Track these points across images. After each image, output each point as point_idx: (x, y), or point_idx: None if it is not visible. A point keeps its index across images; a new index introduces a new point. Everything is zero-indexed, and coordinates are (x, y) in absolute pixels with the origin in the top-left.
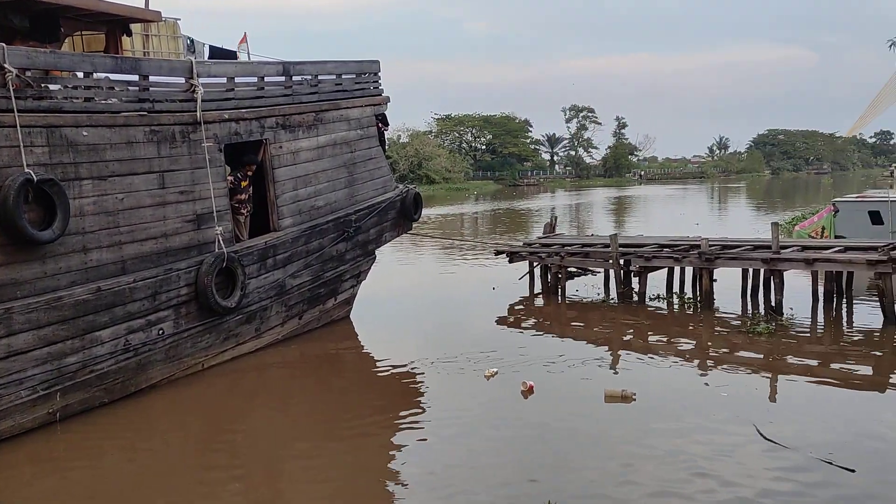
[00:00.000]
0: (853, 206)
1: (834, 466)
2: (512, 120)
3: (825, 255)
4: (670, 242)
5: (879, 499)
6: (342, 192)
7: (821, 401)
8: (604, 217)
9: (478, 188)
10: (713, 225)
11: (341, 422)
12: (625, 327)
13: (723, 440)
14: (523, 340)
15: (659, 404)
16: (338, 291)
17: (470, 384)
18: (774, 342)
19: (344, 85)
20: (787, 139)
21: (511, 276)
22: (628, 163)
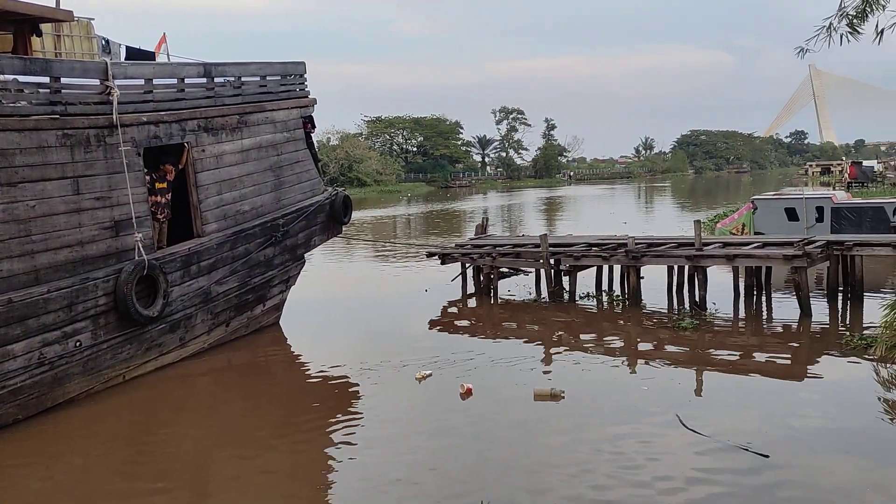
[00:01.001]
0: (771, 204)
1: (750, 453)
2: (443, 122)
3: (745, 251)
4: (599, 241)
5: (789, 481)
6: (269, 196)
7: (742, 391)
8: (535, 217)
9: (410, 190)
10: (640, 224)
11: (271, 431)
12: (556, 326)
13: (648, 432)
14: (457, 342)
15: (588, 401)
16: (266, 297)
17: (405, 388)
18: (699, 336)
19: (269, 87)
20: (709, 139)
21: (444, 278)
22: (558, 164)
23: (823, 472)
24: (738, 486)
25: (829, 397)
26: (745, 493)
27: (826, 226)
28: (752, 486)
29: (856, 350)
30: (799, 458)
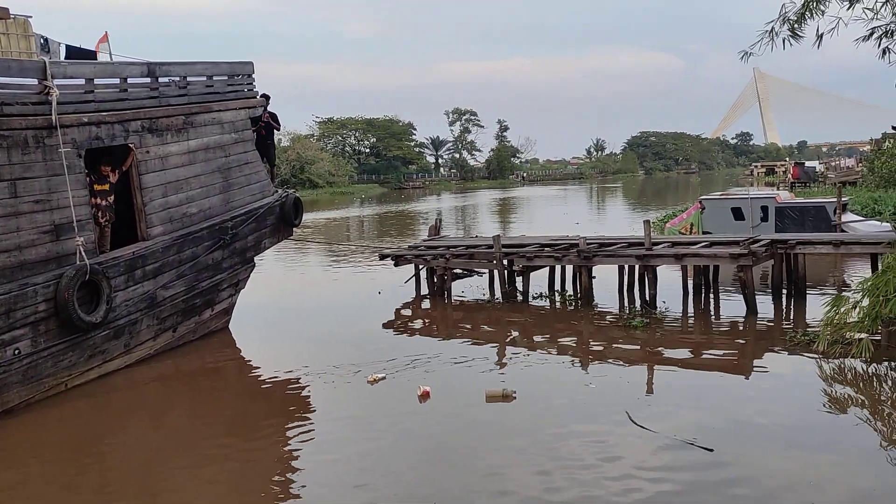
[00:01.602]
0: (718, 204)
1: (695, 447)
2: (396, 123)
3: (693, 250)
4: (551, 242)
5: (733, 474)
6: (217, 199)
7: (690, 387)
8: (488, 218)
9: (363, 192)
10: (592, 224)
11: (222, 438)
12: (510, 326)
13: (599, 430)
14: (411, 344)
15: (541, 401)
16: (215, 301)
17: (359, 392)
18: (649, 334)
19: (216, 87)
20: (658, 140)
21: (397, 280)
22: (511, 165)
23: (767, 464)
24: (685, 481)
25: (773, 392)
26: (690, 488)
27: (770, 225)
28: (697, 480)
29: (799, 345)
30: (744, 451)
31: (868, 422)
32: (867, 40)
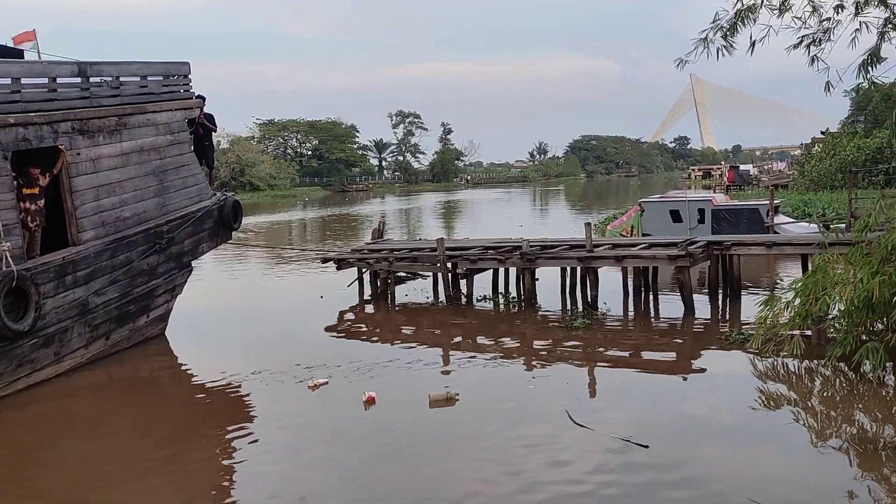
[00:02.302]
0: (657, 206)
1: (631, 444)
2: (338, 125)
3: (633, 252)
4: (495, 245)
5: (665, 469)
6: (152, 202)
7: (630, 386)
8: (433, 221)
9: (305, 194)
10: (536, 226)
11: (159, 450)
12: (454, 329)
13: (540, 430)
14: (354, 348)
15: (485, 403)
16: (150, 308)
17: (302, 399)
18: (590, 335)
19: (150, 87)
20: (599, 144)
21: (340, 284)
22: (455, 168)
23: (703, 460)
24: (621, 477)
25: (710, 390)
26: (626, 484)
27: (707, 227)
28: (632, 477)
29: (734, 344)
30: (680, 448)
31: (800, 418)
32: (797, 48)
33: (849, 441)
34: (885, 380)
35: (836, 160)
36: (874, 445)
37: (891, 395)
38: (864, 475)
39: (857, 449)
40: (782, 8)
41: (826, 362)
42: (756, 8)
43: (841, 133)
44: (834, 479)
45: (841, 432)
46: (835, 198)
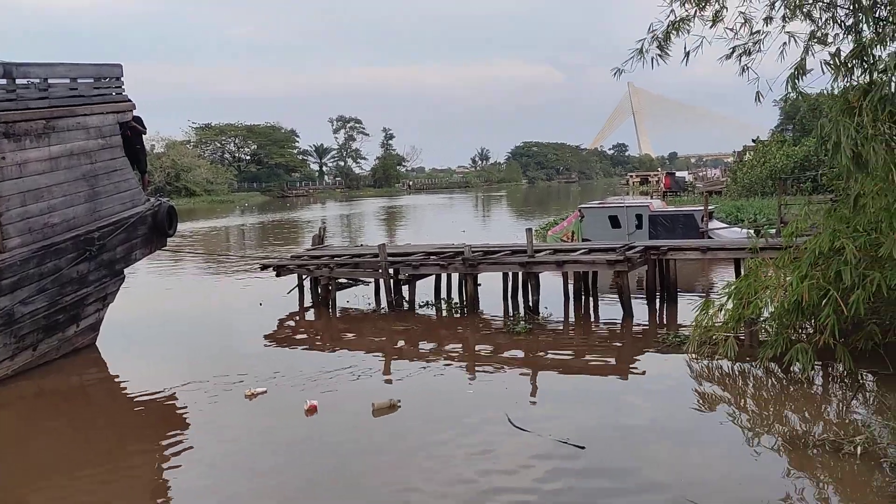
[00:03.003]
0: (596, 212)
1: (568, 445)
2: (278, 130)
3: (573, 257)
4: (437, 250)
5: (603, 470)
6: (82, 208)
7: (570, 389)
8: (375, 227)
9: (244, 200)
10: (478, 232)
11: (92, 464)
12: (396, 335)
13: (482, 434)
14: (295, 356)
15: (426, 409)
16: (80, 317)
17: (239, 408)
18: (532, 339)
19: (80, 90)
20: (541, 151)
21: (280, 291)
22: (397, 173)
23: (640, 460)
24: (558, 478)
25: (648, 392)
26: (565, 486)
27: (645, 232)
28: (572, 479)
29: (671, 347)
30: (618, 449)
31: (734, 418)
32: (729, 58)
33: (781, 439)
34: (814, 379)
35: (767, 167)
36: (804, 443)
37: (819, 394)
38: (795, 472)
39: (789, 447)
40: (715, 19)
41: (758, 363)
42: (689, 19)
43: (771, 141)
44: (767, 477)
45: (773, 431)
46: (766, 204)
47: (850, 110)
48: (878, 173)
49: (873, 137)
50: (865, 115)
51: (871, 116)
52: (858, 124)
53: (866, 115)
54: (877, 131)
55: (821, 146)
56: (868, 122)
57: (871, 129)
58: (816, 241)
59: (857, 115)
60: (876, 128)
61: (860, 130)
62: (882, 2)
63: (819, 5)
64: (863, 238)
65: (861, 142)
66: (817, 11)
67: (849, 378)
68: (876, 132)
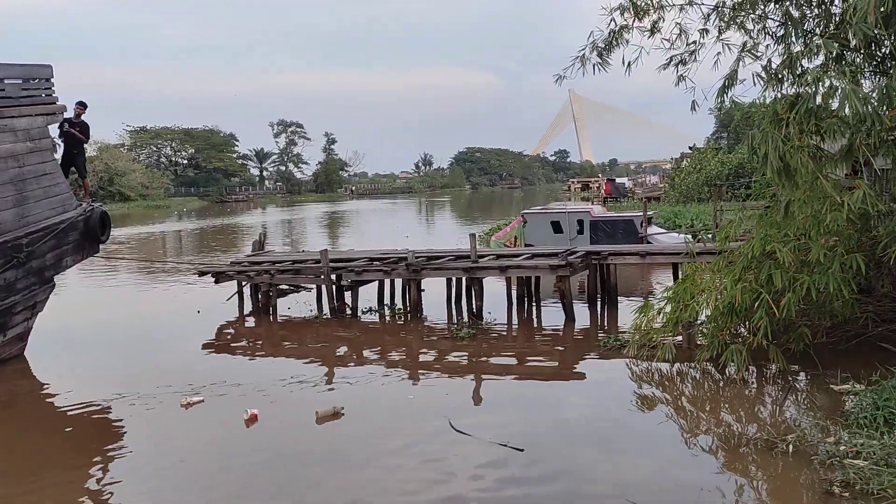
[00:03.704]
0: (538, 218)
1: (508, 448)
2: (216, 133)
3: (516, 262)
4: (380, 256)
5: (545, 472)
6: (9, 213)
7: (514, 394)
8: (317, 232)
9: (181, 205)
10: (422, 237)
11: (19, 480)
12: (339, 342)
13: (424, 440)
14: (235, 364)
15: (370, 416)
16: (7, 326)
17: (175, 419)
18: (476, 345)
19: (7, 91)
20: (484, 157)
21: (219, 298)
22: (339, 178)
23: (580, 462)
24: (497, 481)
25: (590, 395)
26: (506, 488)
27: (586, 237)
28: (513, 481)
29: (612, 350)
30: (559, 451)
31: (673, 419)
32: (666, 68)
33: (717, 439)
34: (749, 380)
35: (703, 174)
36: (739, 442)
37: (753, 394)
38: (731, 471)
39: (724, 446)
40: (653, 30)
41: (695, 365)
42: (629, 29)
43: (707, 149)
44: (704, 476)
45: (709, 431)
46: (702, 210)
47: (779, 122)
48: (805, 183)
49: (799, 149)
50: (792, 127)
51: (798, 128)
52: (786, 136)
53: (793, 127)
54: (802, 143)
55: (751, 156)
56: (795, 133)
57: (798, 140)
58: (749, 245)
59: (785, 127)
60: (802, 139)
61: (787, 142)
62: (810, 15)
63: (751, 17)
64: (793, 243)
65: (788, 153)
66: (750, 23)
67: (781, 378)
68: (802, 144)
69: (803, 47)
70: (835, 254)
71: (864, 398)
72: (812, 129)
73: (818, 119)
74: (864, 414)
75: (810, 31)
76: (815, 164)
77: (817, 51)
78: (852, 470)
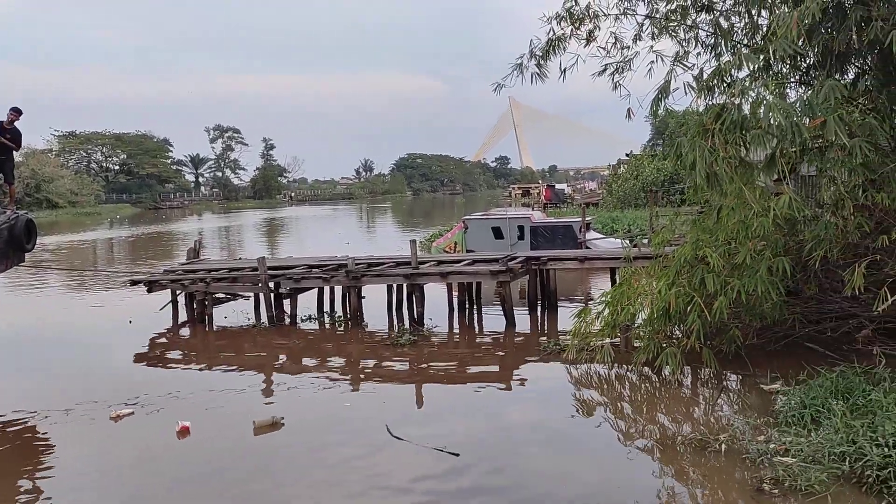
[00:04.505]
0: (479, 223)
1: (444, 453)
2: (149, 139)
3: (457, 268)
4: (319, 263)
5: (484, 477)
6: None
7: (455, 399)
8: (255, 240)
9: (113, 212)
10: (363, 243)
11: None
12: (278, 351)
13: (364, 447)
14: (169, 375)
15: (309, 425)
16: None
17: (105, 432)
18: (417, 351)
19: None
20: (425, 162)
21: (152, 307)
22: (278, 184)
23: (520, 466)
24: (440, 488)
25: (530, 399)
26: (445, 494)
27: (527, 243)
28: (451, 487)
29: (552, 355)
30: (499, 456)
31: (611, 421)
32: (601, 75)
33: (653, 440)
34: (683, 382)
35: (640, 180)
36: (674, 442)
37: (688, 395)
38: (667, 471)
39: (660, 447)
40: (589, 38)
41: (633, 368)
42: (566, 38)
43: (643, 156)
44: (641, 477)
45: (646, 432)
46: (639, 215)
47: (706, 132)
48: (731, 191)
49: (725, 159)
50: (718, 137)
51: (724, 139)
52: (712, 146)
53: (718, 138)
54: (727, 153)
55: (678, 163)
56: (720, 144)
57: (723, 151)
58: (682, 250)
59: (711, 138)
60: (727, 150)
61: (713, 152)
62: (739, 25)
63: (683, 27)
64: (723, 247)
65: (715, 162)
66: (682, 32)
67: (714, 379)
68: (726, 154)
69: (733, 57)
70: (762, 258)
71: (792, 397)
72: (738, 139)
73: (744, 129)
74: (792, 413)
75: (739, 42)
76: (739, 173)
77: (740, 64)
78: (781, 467)
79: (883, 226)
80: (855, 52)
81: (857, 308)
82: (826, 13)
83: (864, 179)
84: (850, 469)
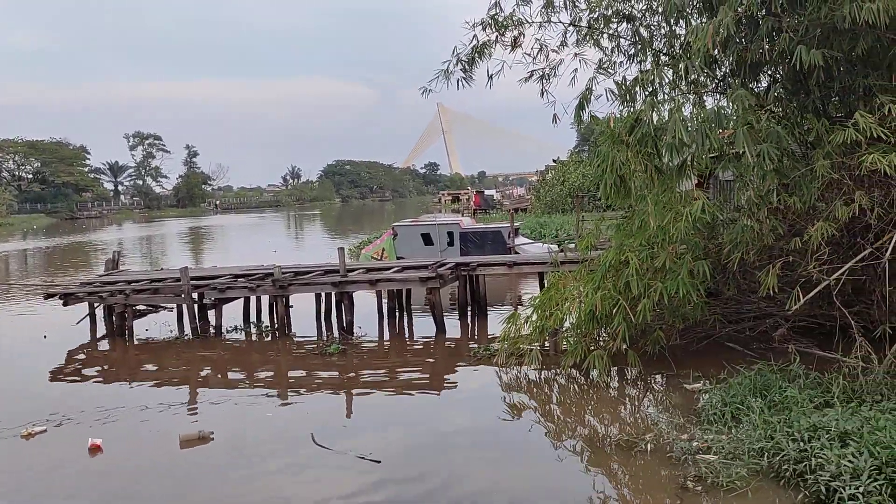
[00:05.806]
0: (409, 230)
1: (366, 460)
2: (65, 146)
3: (386, 275)
4: (245, 272)
5: (393, 481)
6: None
7: (384, 407)
8: (179, 250)
9: (27, 223)
10: (291, 252)
11: None
12: (202, 363)
13: (292, 457)
14: (86, 391)
15: (237, 438)
16: None
17: (15, 451)
18: (347, 360)
19: None
20: (354, 169)
21: (68, 321)
22: (202, 192)
23: (450, 471)
24: (366, 496)
25: (460, 404)
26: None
27: (456, 249)
28: (378, 494)
29: (482, 360)
30: (408, 459)
31: (540, 423)
32: (527, 81)
33: (582, 441)
34: (610, 383)
35: (566, 186)
36: (602, 443)
37: (615, 396)
38: (595, 471)
39: (588, 448)
40: (514, 45)
41: (561, 370)
42: (491, 45)
43: (569, 161)
44: (571, 478)
45: (575, 434)
46: (566, 220)
47: (619, 142)
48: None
49: (634, 170)
50: (630, 148)
51: (636, 150)
52: (624, 156)
53: (630, 149)
54: (637, 164)
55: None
56: (632, 154)
57: (634, 162)
58: (607, 254)
59: (626, 148)
60: (637, 160)
61: (626, 163)
62: (658, 35)
63: (606, 35)
64: (645, 251)
65: (626, 172)
66: (605, 40)
67: (640, 380)
68: (637, 164)
69: (652, 67)
70: (683, 261)
71: (713, 396)
72: (650, 149)
73: (657, 139)
74: (713, 411)
75: (659, 51)
76: (656, 179)
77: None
78: (704, 465)
79: (795, 228)
80: (767, 62)
81: (773, 308)
82: (739, 24)
83: (777, 184)
84: (768, 464)
